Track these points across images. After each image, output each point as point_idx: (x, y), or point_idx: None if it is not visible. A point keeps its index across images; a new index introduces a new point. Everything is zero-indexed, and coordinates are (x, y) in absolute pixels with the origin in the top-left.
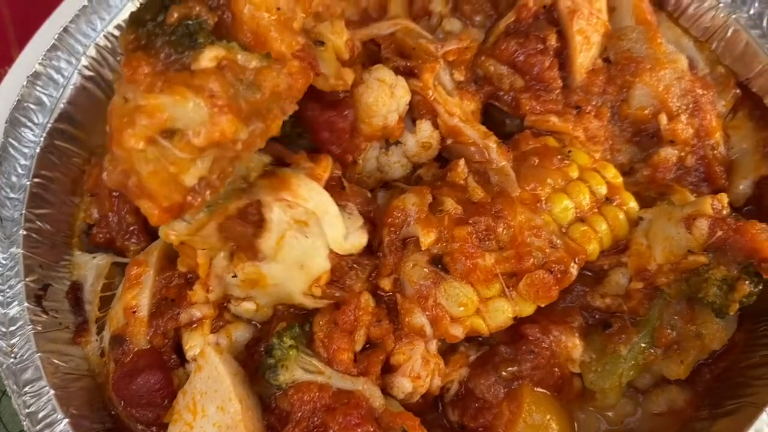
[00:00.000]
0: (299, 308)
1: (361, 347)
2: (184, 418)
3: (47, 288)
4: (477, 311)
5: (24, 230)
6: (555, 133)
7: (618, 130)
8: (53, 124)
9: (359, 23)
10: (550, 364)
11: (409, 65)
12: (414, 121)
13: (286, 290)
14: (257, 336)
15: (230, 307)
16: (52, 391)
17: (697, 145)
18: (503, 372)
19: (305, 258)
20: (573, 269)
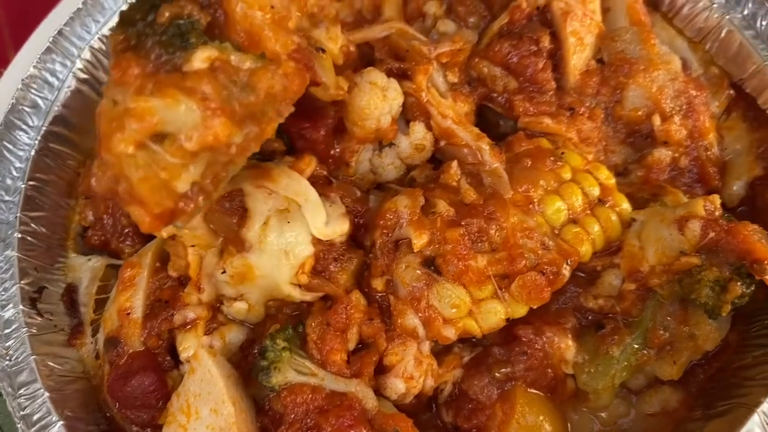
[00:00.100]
0: (292, 308)
1: (353, 346)
2: (178, 420)
3: (42, 290)
4: (469, 313)
5: (19, 233)
6: (548, 135)
7: (612, 131)
8: (48, 126)
9: (353, 24)
10: (544, 365)
11: (403, 67)
12: (407, 122)
13: (273, 281)
14: (251, 338)
15: (223, 308)
16: (47, 394)
17: (690, 146)
18: (497, 373)
19: (288, 245)
20: (565, 271)
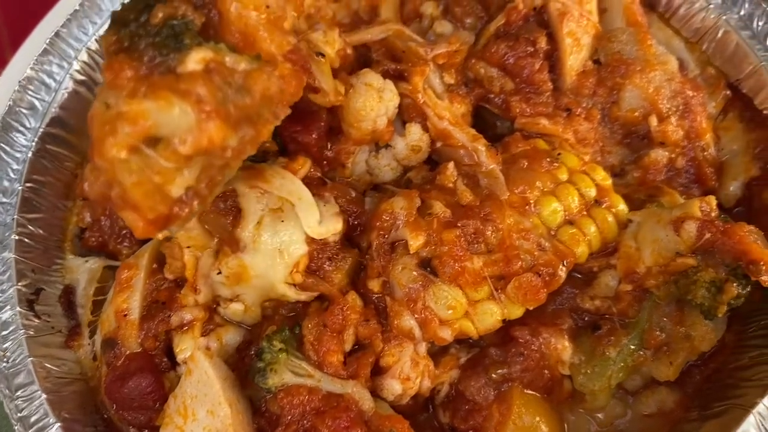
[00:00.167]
0: (288, 310)
1: (350, 347)
2: (175, 422)
3: (40, 292)
4: (466, 314)
5: (16, 235)
6: (545, 136)
7: (608, 132)
8: (45, 128)
9: (350, 26)
10: (540, 366)
11: (399, 68)
12: (404, 124)
13: (268, 280)
14: (248, 339)
15: (219, 310)
16: (44, 396)
17: (687, 146)
18: (493, 374)
19: (282, 244)
20: (561, 272)
